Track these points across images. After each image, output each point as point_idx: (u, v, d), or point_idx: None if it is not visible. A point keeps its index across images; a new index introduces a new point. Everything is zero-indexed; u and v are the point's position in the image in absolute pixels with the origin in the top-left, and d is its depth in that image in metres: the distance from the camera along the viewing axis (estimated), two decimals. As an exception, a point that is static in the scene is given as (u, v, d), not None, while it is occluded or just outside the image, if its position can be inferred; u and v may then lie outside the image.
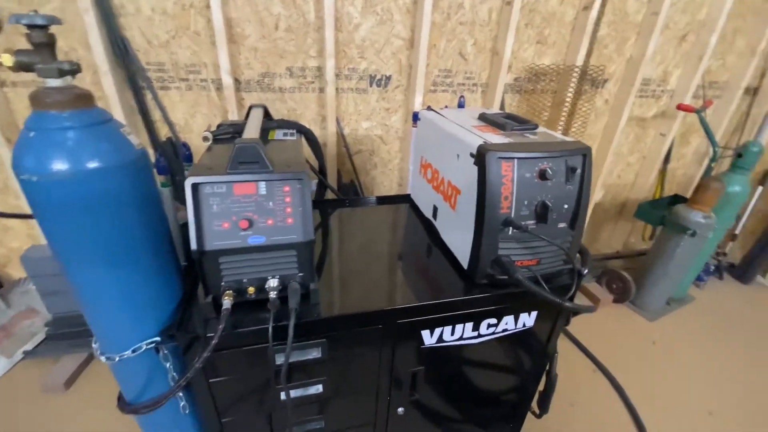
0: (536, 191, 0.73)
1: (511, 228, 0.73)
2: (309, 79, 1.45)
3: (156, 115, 1.37)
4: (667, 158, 2.08)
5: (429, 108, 1.04)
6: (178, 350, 0.66)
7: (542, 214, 0.74)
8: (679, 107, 1.74)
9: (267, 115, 0.88)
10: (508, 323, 0.83)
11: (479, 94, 1.67)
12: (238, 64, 1.37)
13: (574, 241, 0.79)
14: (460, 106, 1.10)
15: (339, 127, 1.54)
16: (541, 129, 0.85)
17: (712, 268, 2.18)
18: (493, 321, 0.81)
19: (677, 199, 1.94)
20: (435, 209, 0.96)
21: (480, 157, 0.71)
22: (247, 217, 0.61)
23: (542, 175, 0.72)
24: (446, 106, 1.09)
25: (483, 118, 0.91)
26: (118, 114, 1.29)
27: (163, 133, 1.42)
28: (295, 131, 0.86)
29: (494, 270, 0.76)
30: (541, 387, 1.03)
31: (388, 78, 1.54)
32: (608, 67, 1.78)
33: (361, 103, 1.56)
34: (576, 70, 1.66)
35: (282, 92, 1.45)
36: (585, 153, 0.74)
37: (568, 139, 0.79)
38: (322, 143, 1.56)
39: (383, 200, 1.15)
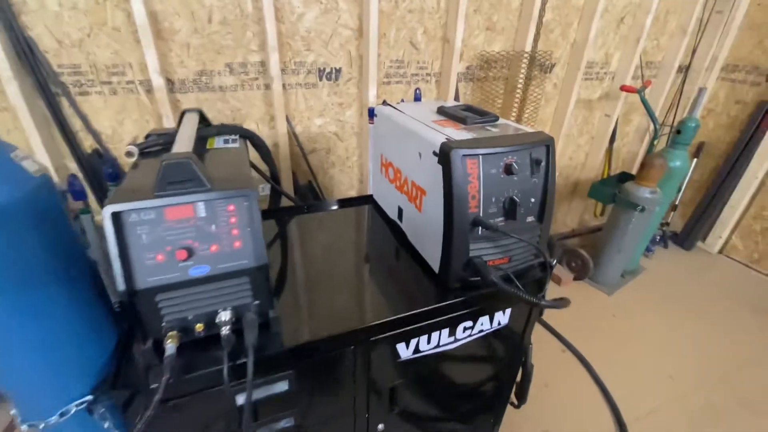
0: (503, 187, 0.70)
1: (480, 228, 0.70)
2: (252, 76, 1.34)
3: (77, 124, 1.20)
4: (612, 137, 2.17)
5: (385, 103, 0.98)
6: (117, 407, 0.57)
7: (510, 210, 0.71)
8: (623, 89, 1.81)
9: (204, 119, 0.78)
10: (483, 324, 0.80)
11: (433, 84, 1.63)
12: (169, 62, 1.23)
13: (543, 234, 0.77)
14: (417, 99, 1.05)
15: (290, 126, 1.44)
16: (501, 121, 0.82)
17: (658, 238, 2.32)
18: (469, 324, 0.78)
19: (625, 176, 2.04)
20: (400, 211, 0.91)
21: (444, 155, 0.66)
22: (185, 246, 0.52)
23: (508, 170, 0.68)
24: (402, 100, 1.04)
25: (442, 111, 0.86)
26: (29, 126, 1.11)
27: (88, 144, 1.25)
28: (238, 137, 0.77)
29: (467, 273, 0.72)
30: (518, 378, 1.03)
31: (339, 71, 1.45)
32: (555, 51, 1.80)
33: (311, 99, 1.46)
34: (525, 56, 1.67)
35: (223, 91, 1.33)
36: (548, 144, 0.72)
37: (529, 130, 0.77)
38: (272, 144, 1.46)
39: (344, 203, 1.09)
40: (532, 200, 0.74)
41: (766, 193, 2.05)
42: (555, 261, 0.80)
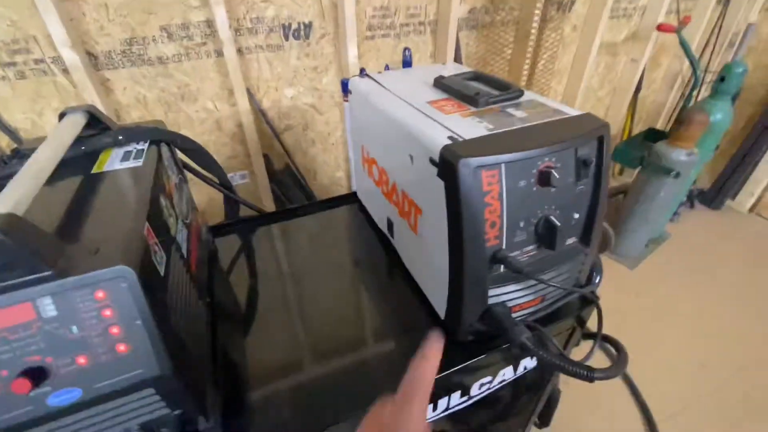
0: (535, 203, 0.48)
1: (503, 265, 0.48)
2: (198, 40, 1.06)
3: (-19, 119, 0.95)
4: (638, 87, 1.88)
5: (363, 73, 0.72)
6: None
7: (547, 236, 0.49)
8: (660, 28, 1.49)
9: (96, 122, 0.53)
10: (506, 374, 0.61)
11: (428, 35, 1.33)
12: (84, 30, 0.95)
13: (588, 261, 0.56)
14: (406, 63, 0.79)
15: (253, 101, 1.18)
16: (527, 95, 0.58)
17: (684, 198, 2.10)
18: (487, 379, 0.59)
19: (653, 133, 1.77)
20: (390, 223, 0.69)
21: (447, 166, 0.43)
22: (29, 367, 0.32)
23: (544, 180, 0.45)
24: (387, 67, 0.79)
25: (441, 85, 0.61)
26: None
27: (4, 143, 1.01)
28: (146, 145, 0.53)
29: (484, 325, 0.52)
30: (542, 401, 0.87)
31: (308, 26, 1.16)
32: (576, -16, 1.47)
33: (278, 65, 1.19)
34: (540, -9, 1.35)
35: (164, 63, 1.06)
36: (602, 135, 0.49)
37: (570, 111, 0.53)
38: (235, 125, 1.21)
39: (321, 205, 0.86)
40: (576, 216, 0.52)
41: (814, 143, 1.79)
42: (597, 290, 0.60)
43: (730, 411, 1.21)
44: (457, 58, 1.34)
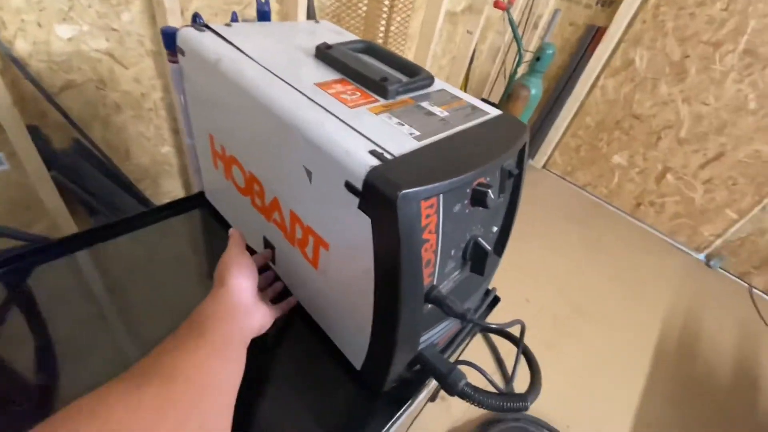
0: (465, 226, 0.40)
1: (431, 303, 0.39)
2: None
3: None
4: (471, 58, 2.03)
5: (198, 21, 0.48)
6: None
7: (476, 262, 0.42)
8: (496, 4, 1.59)
9: None
10: (422, 395, 0.56)
11: (272, -26, 1.06)
12: None
13: (497, 268, 0.53)
14: (263, 16, 0.56)
15: (-5, 42, 0.73)
16: (437, 83, 0.47)
17: (502, 159, 2.48)
18: (410, 411, 0.52)
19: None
20: (266, 242, 0.51)
21: (379, 199, 0.30)
22: None
23: (478, 201, 0.37)
24: (235, 16, 0.55)
25: (328, 58, 0.45)
26: None
27: None
28: None
29: (410, 372, 0.43)
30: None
31: (86, -71, 0.76)
32: (425, -58, 1.41)
33: (36, -14, 0.75)
34: (394, -57, 1.23)
35: None
36: (525, 141, 0.43)
37: (486, 108, 0.45)
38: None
39: (147, 216, 0.59)
40: (494, 229, 0.47)
41: (583, 114, 2.33)
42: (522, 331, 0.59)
43: (546, 333, 1.54)
44: (310, 9, 1.13)
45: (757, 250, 2.00)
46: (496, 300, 0.60)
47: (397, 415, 0.44)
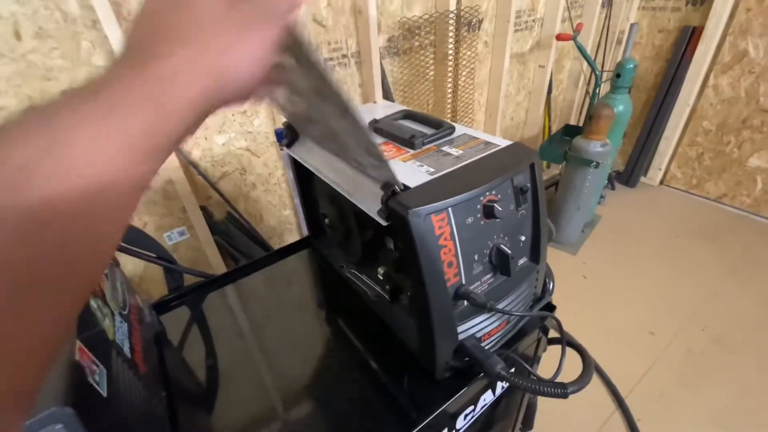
0: (485, 235, 0.50)
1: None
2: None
3: None
4: (549, 89, 2.05)
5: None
6: None
7: (501, 264, 0.51)
8: (559, 38, 1.65)
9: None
10: (486, 398, 0.62)
11: (353, 67, 1.35)
12: (-30, 105, 0.84)
13: (540, 274, 0.59)
14: None
15: (180, 154, 1.12)
16: (459, 129, 0.60)
17: (606, 182, 2.31)
18: (470, 408, 0.59)
19: (570, 129, 1.95)
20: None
21: (396, 219, 0.44)
22: None
23: (488, 213, 0.48)
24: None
25: (376, 130, 0.62)
26: None
27: None
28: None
29: (458, 360, 0.52)
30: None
31: (231, 72, 1.13)
32: (480, 5, 1.59)
33: (204, 115, 1.14)
34: (451, 15, 1.44)
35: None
36: (533, 162, 0.52)
37: (500, 142, 0.56)
38: (165, 181, 1.13)
39: (272, 258, 0.82)
40: (522, 238, 0.55)
41: (698, 119, 2.08)
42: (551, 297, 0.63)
43: (680, 369, 1.33)
44: (385, 86, 1.38)
45: None
46: (550, 307, 0.64)
47: (452, 400, 0.52)
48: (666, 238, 1.95)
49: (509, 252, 0.50)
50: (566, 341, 0.53)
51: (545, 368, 0.74)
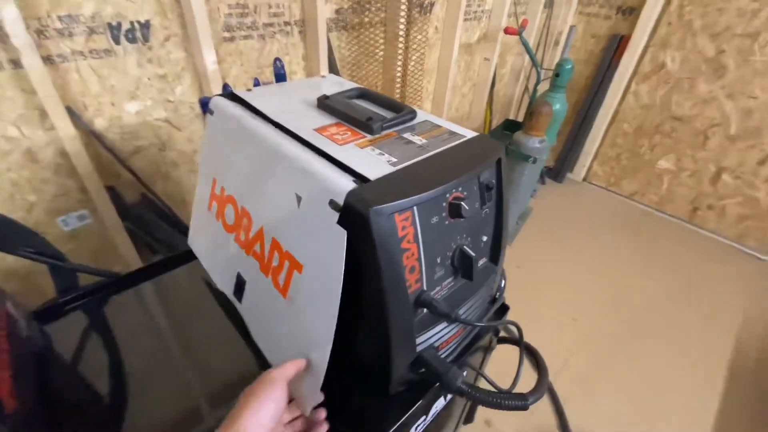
0: (449, 236, 0.44)
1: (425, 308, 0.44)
2: (-25, 47, 0.76)
3: None
4: (492, 82, 2.09)
5: (227, 90, 0.60)
6: None
7: (464, 268, 0.46)
8: (507, 31, 1.66)
9: None
10: (438, 407, 0.58)
11: (297, 36, 1.22)
12: None
13: (498, 276, 0.56)
14: (279, 77, 0.68)
15: (80, 122, 0.92)
16: (420, 115, 0.54)
17: (539, 176, 2.44)
18: (422, 419, 0.55)
19: (510, 124, 2.00)
20: (239, 284, 0.55)
21: (355, 215, 0.36)
22: None
23: (455, 213, 0.42)
24: (257, 81, 0.67)
25: (326, 107, 0.53)
26: None
27: None
28: None
29: (414, 373, 0.47)
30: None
31: (146, 26, 0.95)
32: (433, -13, 1.53)
33: (110, 75, 0.94)
34: (402, -7, 1.36)
35: None
36: (500, 157, 0.48)
37: (464, 132, 0.51)
38: (58, 154, 0.93)
39: (140, 274, 0.68)
40: (484, 239, 0.51)
41: (619, 122, 2.26)
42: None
43: (601, 354, 1.45)
44: (332, 62, 1.27)
45: None
46: (504, 308, 0.62)
47: (407, 416, 0.47)
48: (588, 230, 2.12)
49: (473, 254, 0.45)
50: (525, 347, 0.50)
51: (490, 368, 0.73)
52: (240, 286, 0.55)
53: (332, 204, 0.39)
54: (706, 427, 1.23)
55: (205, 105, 0.59)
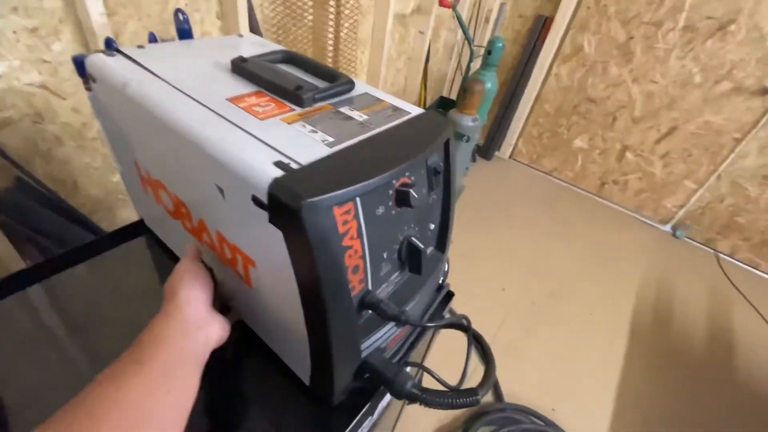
0: (395, 227, 0.39)
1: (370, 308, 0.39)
2: None
3: None
4: (426, 57, 2.05)
5: (111, 46, 0.47)
6: None
7: (412, 261, 0.42)
8: (441, 3, 1.61)
9: None
10: (383, 404, 0.55)
11: (208, -10, 1.05)
12: None
13: (444, 264, 0.53)
14: (183, 33, 0.55)
15: None
16: (359, 86, 0.47)
17: (471, 155, 2.51)
18: (368, 420, 0.51)
19: (444, 101, 1.99)
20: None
21: (283, 211, 0.29)
22: None
23: (402, 201, 0.37)
24: (153, 37, 0.54)
25: (243, 71, 0.44)
26: None
27: None
28: None
29: (360, 381, 0.42)
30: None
31: (-1, -40, 0.73)
32: (365, -52, 1.42)
33: (-49, 23, 0.72)
34: (332, -49, 1.23)
35: None
36: (448, 137, 0.43)
37: (409, 108, 0.45)
38: None
39: (89, 248, 0.57)
40: (432, 227, 0.47)
41: (541, 102, 2.38)
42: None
43: (525, 320, 1.56)
44: (253, 21, 1.12)
45: (717, 216, 2.08)
46: (449, 295, 0.59)
47: (351, 425, 0.43)
48: (513, 205, 2.24)
49: (421, 246, 0.41)
50: (474, 339, 0.48)
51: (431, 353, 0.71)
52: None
53: (255, 200, 0.31)
54: (613, 381, 1.39)
55: (80, 65, 0.46)
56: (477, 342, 0.55)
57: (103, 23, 0.84)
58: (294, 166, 0.31)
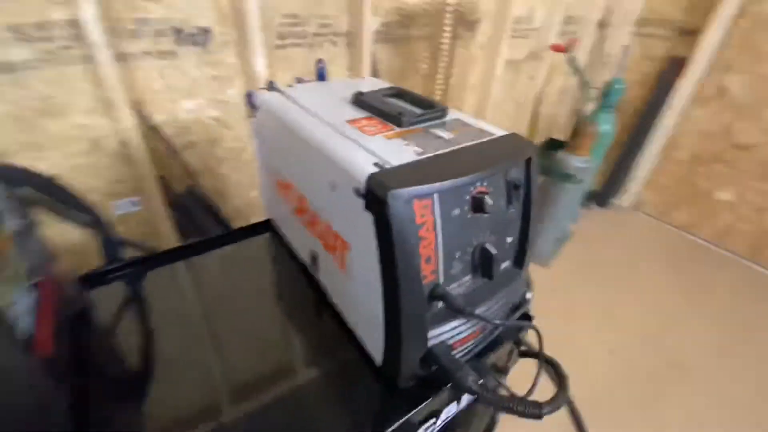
0: (470, 231, 0.44)
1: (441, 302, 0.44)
2: (61, 43, 0.86)
3: None
4: (537, 101, 2.05)
5: (271, 85, 0.64)
6: None
7: (484, 265, 0.46)
8: (554, 48, 1.64)
9: None
10: (450, 410, 0.57)
11: (343, 47, 1.28)
12: None
13: (522, 282, 0.54)
14: (321, 76, 0.72)
15: (141, 115, 1.01)
16: (452, 113, 0.55)
17: (582, 199, 2.34)
18: (432, 421, 0.54)
19: (553, 143, 1.94)
20: (314, 257, 0.60)
21: (375, 199, 0.37)
22: None
23: (477, 206, 0.42)
24: (299, 80, 0.71)
25: (360, 102, 0.55)
26: None
27: None
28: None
29: (425, 369, 0.46)
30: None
31: (207, 31, 1.03)
32: (479, 4, 1.55)
33: (171, 74, 1.03)
34: (449, 8, 1.39)
35: (14, 71, 0.84)
36: (530, 156, 0.47)
37: (496, 131, 0.51)
38: (118, 143, 1.02)
39: (224, 239, 0.74)
40: (509, 240, 0.50)
41: (674, 148, 2.13)
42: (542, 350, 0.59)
43: (636, 391, 1.34)
44: (375, 73, 1.31)
45: None
46: (527, 318, 0.59)
47: (412, 412, 0.46)
48: (632, 260, 1.99)
49: (494, 252, 0.44)
50: (543, 357, 0.48)
51: (512, 384, 0.69)
52: (314, 259, 0.59)
53: (356, 191, 0.40)
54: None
55: (250, 97, 0.63)
56: (550, 364, 0.54)
57: (264, 74, 1.10)
58: (387, 166, 0.39)
